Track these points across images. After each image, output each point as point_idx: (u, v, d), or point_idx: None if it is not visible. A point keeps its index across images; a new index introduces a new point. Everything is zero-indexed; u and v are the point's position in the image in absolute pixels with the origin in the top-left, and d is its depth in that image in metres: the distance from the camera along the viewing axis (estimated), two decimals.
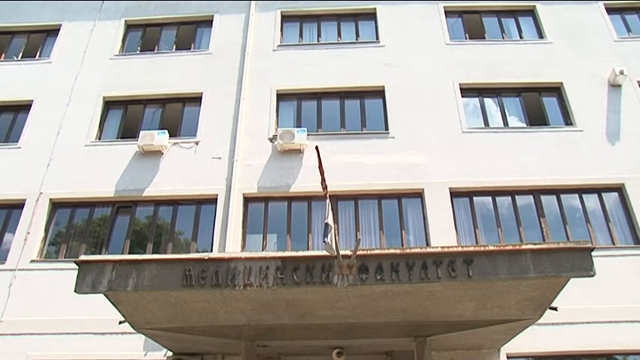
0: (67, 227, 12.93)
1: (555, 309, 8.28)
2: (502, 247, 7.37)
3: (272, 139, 13.35)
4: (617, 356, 10.88)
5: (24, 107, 14.76)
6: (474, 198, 12.57)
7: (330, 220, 6.58)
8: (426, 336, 8.56)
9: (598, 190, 12.60)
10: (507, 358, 10.57)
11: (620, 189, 12.53)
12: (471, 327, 8.59)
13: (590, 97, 13.84)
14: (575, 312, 10.42)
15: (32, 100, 14.77)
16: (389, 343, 9.38)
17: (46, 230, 12.77)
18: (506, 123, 13.92)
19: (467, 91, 14.24)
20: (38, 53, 16.20)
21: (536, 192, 12.57)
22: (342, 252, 6.83)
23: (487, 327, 8.61)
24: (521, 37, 15.55)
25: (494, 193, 12.60)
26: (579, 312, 10.59)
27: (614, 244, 11.92)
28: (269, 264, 7.13)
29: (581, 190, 12.59)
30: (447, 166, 12.77)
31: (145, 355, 10.86)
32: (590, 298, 10.66)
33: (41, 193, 13.01)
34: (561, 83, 14.20)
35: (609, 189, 12.61)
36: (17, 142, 14.10)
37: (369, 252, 7.27)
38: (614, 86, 13.95)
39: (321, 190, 6.67)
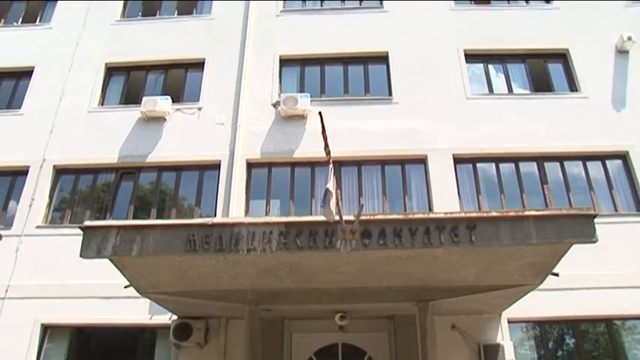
0: (71, 193, 12.99)
1: (557, 275, 8.33)
2: (505, 214, 7.38)
3: (275, 105, 13.29)
4: (616, 321, 10.99)
5: (25, 74, 14.67)
6: (478, 164, 12.55)
7: (330, 186, 6.57)
8: (428, 301, 8.64)
9: (602, 157, 12.56)
10: (508, 322, 10.69)
11: (624, 156, 12.49)
12: (472, 292, 8.66)
13: (596, 64, 13.68)
14: (577, 278, 10.45)
15: (33, 67, 14.68)
16: (391, 307, 9.47)
17: (51, 197, 12.84)
18: (510, 89, 13.81)
19: (471, 57, 14.08)
20: (38, 19, 16.06)
21: (540, 159, 12.53)
22: (345, 217, 6.83)
23: (489, 292, 8.68)
24: (527, 2, 15.31)
25: (498, 159, 12.57)
26: (581, 278, 10.64)
27: (616, 211, 11.94)
28: (272, 229, 7.15)
29: (585, 157, 12.55)
30: (450, 133, 12.72)
31: (151, 318, 11.01)
32: (592, 264, 10.67)
33: (44, 159, 13.04)
34: (567, 49, 14.02)
35: (613, 156, 12.56)
36: (19, 108, 14.08)
37: (372, 217, 7.29)
38: (622, 52, 13.76)
39: (325, 155, 6.65)
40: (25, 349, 11.00)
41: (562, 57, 14.10)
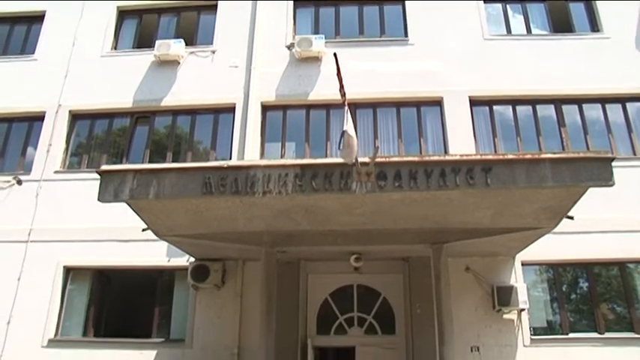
0: (87, 138, 13.07)
1: (572, 218, 8.33)
2: (521, 156, 7.33)
3: (290, 47, 13.08)
4: (629, 264, 11.03)
5: (37, 18, 14.53)
6: (494, 107, 12.38)
7: (348, 128, 6.52)
8: (443, 242, 8.71)
9: (622, 100, 12.29)
10: (522, 265, 10.78)
11: None
12: (487, 234, 8.70)
13: (620, 2, 13.22)
14: (591, 221, 10.45)
15: (45, 11, 14.52)
16: (406, 249, 9.58)
17: (67, 142, 12.93)
18: (529, 30, 13.45)
19: None
20: None
21: (558, 101, 12.32)
22: (360, 159, 6.82)
23: (503, 235, 8.73)
24: None
25: (515, 101, 12.38)
26: (595, 222, 10.63)
27: (635, 154, 11.79)
28: (288, 171, 7.17)
29: (604, 100, 12.30)
30: (467, 74, 12.49)
31: (169, 261, 11.23)
32: (608, 208, 10.62)
33: (60, 105, 13.07)
34: None
35: (634, 99, 12.29)
36: (33, 53, 14.02)
37: (387, 159, 7.28)
38: None
39: (340, 97, 6.58)
40: (50, 290, 11.33)
41: None
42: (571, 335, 10.49)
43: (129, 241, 11.27)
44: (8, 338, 10.99)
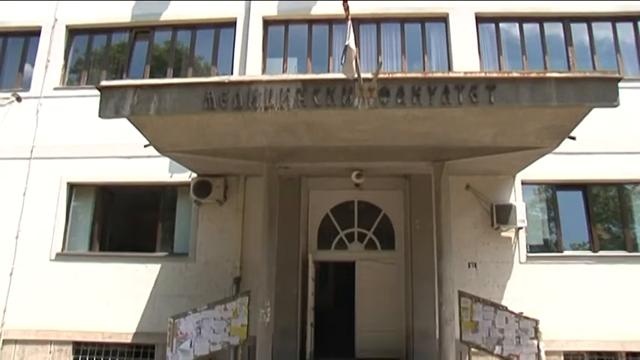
0: (86, 54, 12.86)
1: (574, 138, 8.33)
2: (526, 75, 7.25)
3: None
4: (627, 186, 11.15)
5: None
6: (500, 24, 12.09)
7: (351, 42, 6.40)
8: (445, 160, 8.75)
9: (634, 18, 11.98)
10: (522, 184, 10.90)
11: None
12: (488, 153, 8.73)
13: None
14: (593, 142, 10.50)
15: None
16: (407, 166, 9.64)
17: (66, 58, 12.73)
18: None
19: None
20: None
21: (566, 19, 12.01)
22: (363, 75, 6.73)
23: (505, 154, 8.75)
24: None
25: (522, 19, 12.07)
26: (597, 142, 10.68)
27: None
28: (290, 86, 7.12)
29: (614, 18, 11.97)
30: None
31: (171, 177, 11.33)
32: (610, 129, 10.66)
33: (56, 19, 12.76)
34: None
35: None
36: None
37: (390, 75, 7.20)
38: None
39: (343, 11, 6.42)
40: (54, 206, 11.52)
41: None
42: (566, 253, 10.74)
43: (131, 158, 11.35)
44: (18, 252, 11.28)
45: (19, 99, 12.16)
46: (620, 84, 6.90)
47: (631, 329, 10.08)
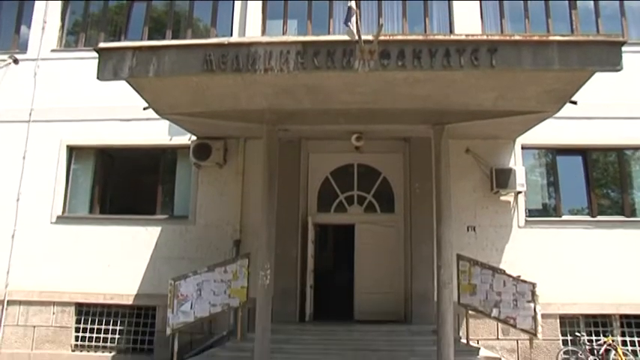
0: (83, 16, 12.70)
1: (575, 103, 8.31)
2: (528, 38, 7.22)
3: None
4: (627, 151, 11.17)
5: None
6: None
7: (353, 4, 6.36)
8: (445, 123, 8.70)
9: None
10: (522, 148, 10.91)
11: None
12: (489, 117, 8.71)
13: None
14: (594, 107, 10.44)
15: None
16: (407, 129, 9.62)
17: (63, 19, 12.58)
18: None
19: None
20: None
21: None
22: (363, 37, 6.69)
23: (505, 117, 8.75)
24: None
25: None
26: (598, 107, 10.64)
27: None
28: (290, 48, 7.08)
29: None
30: None
31: (171, 139, 11.32)
32: (612, 93, 10.62)
33: None
34: None
35: None
36: None
37: (391, 37, 7.17)
38: None
39: None
40: (54, 169, 11.55)
41: None
42: (564, 218, 10.83)
43: (131, 120, 11.32)
44: (19, 215, 11.33)
45: (16, 61, 12.05)
46: (623, 48, 6.85)
47: (626, 293, 10.21)
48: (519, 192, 10.51)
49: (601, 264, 10.31)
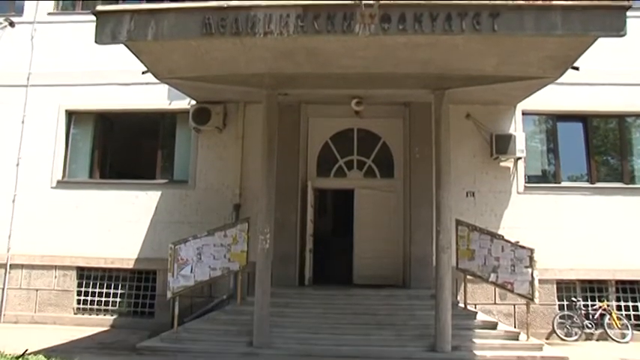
0: None
1: (577, 69, 8.24)
2: (531, 2, 7.07)
3: None
4: (628, 118, 11.13)
5: None
6: None
7: None
8: (445, 89, 8.64)
9: None
10: (523, 114, 10.88)
11: None
12: (490, 82, 8.66)
13: None
14: (596, 73, 10.37)
15: None
16: (407, 94, 9.58)
17: None
18: None
19: None
20: None
21: None
22: (364, 1, 6.61)
23: (506, 83, 8.69)
24: None
25: None
26: (600, 73, 10.56)
27: None
28: (290, 12, 6.98)
29: None
30: None
31: (170, 104, 11.28)
32: (614, 59, 10.51)
33: None
34: None
35: None
36: None
37: (392, 1, 7.03)
38: None
39: None
40: (54, 134, 11.55)
41: None
42: (563, 184, 10.86)
43: (129, 85, 11.26)
44: (19, 180, 11.36)
45: (12, 24, 11.90)
46: (630, 13, 6.78)
47: (623, 259, 10.32)
48: (519, 158, 10.51)
49: (599, 230, 10.39)
